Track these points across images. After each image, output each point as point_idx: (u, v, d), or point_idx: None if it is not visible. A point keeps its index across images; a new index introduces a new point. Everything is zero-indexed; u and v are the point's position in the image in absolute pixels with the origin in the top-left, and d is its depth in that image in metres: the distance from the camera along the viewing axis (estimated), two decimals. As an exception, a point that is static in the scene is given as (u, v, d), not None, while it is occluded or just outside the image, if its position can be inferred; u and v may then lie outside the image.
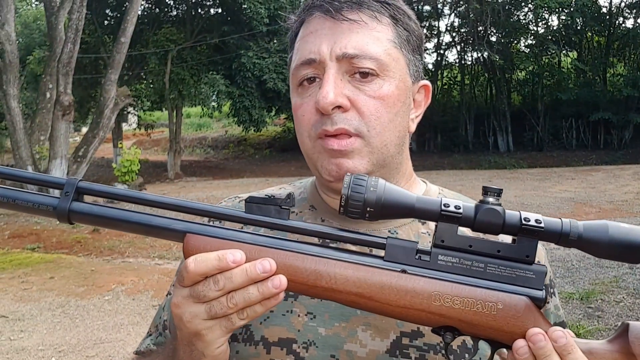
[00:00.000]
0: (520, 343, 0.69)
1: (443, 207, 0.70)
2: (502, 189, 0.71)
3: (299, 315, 0.89)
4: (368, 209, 0.70)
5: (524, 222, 0.69)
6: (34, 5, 30.96)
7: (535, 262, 0.72)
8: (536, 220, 0.69)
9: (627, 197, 11.49)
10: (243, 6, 19.85)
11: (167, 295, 1.05)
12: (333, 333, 0.87)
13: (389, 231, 0.93)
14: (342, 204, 0.70)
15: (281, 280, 0.69)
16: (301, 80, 0.89)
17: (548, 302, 0.96)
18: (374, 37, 0.87)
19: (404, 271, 0.71)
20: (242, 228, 0.78)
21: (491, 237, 0.74)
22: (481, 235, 0.74)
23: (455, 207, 0.70)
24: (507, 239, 0.73)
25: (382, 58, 0.87)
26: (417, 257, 0.72)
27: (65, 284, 6.67)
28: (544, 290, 0.71)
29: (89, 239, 9.11)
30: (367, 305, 0.72)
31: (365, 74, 0.86)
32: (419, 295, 0.70)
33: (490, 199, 0.71)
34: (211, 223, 0.78)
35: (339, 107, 0.85)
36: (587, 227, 0.69)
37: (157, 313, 1.05)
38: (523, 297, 0.70)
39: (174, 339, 0.82)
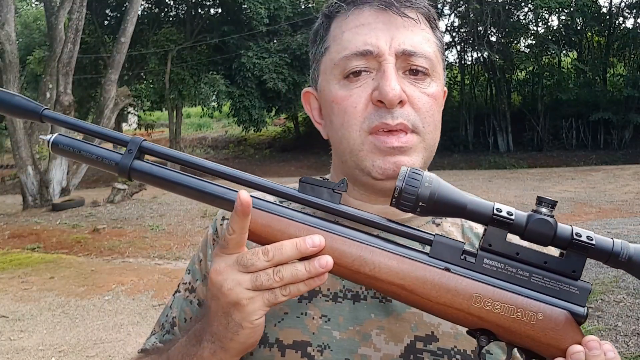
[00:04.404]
0: (576, 348, 0.69)
1: (495, 212, 0.70)
2: (556, 201, 0.71)
3: (313, 318, 0.88)
4: (420, 203, 0.70)
5: (575, 237, 0.69)
6: (34, 5, 30.97)
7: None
8: (588, 237, 0.69)
9: (627, 197, 11.49)
10: (243, 6, 19.88)
11: (173, 295, 1.04)
12: (347, 337, 0.86)
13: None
14: (395, 195, 0.70)
15: (327, 261, 0.69)
16: (348, 72, 0.87)
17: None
18: (426, 37, 0.88)
19: (447, 269, 0.72)
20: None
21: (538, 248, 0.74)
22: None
23: (508, 212, 0.70)
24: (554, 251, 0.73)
25: (433, 58, 0.87)
26: (462, 257, 0.73)
27: (65, 284, 6.67)
28: (586, 308, 0.71)
29: (89, 239, 9.11)
30: (407, 298, 0.72)
31: (416, 72, 0.86)
32: (460, 295, 0.70)
33: (544, 210, 0.70)
34: (263, 197, 0.78)
35: (399, 101, 0.84)
36: (638, 250, 0.69)
37: (163, 312, 1.04)
38: (564, 311, 0.70)
39: (203, 318, 0.81)
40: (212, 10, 24.46)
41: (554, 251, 0.74)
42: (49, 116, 0.80)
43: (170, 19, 24.20)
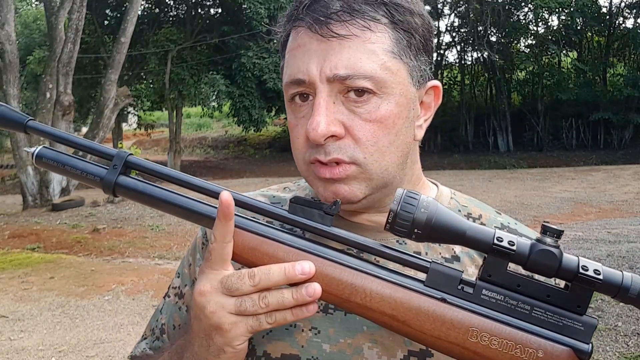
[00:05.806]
0: None
1: (496, 241, 0.66)
2: (562, 231, 0.66)
3: (302, 330, 0.85)
4: (416, 230, 0.66)
5: (581, 270, 0.64)
6: (34, 5, 30.96)
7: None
8: (595, 271, 0.64)
9: (627, 197, 11.49)
10: (243, 6, 19.87)
11: (164, 298, 1.03)
12: (338, 350, 0.83)
13: (397, 242, 0.88)
14: (390, 220, 0.67)
15: (315, 289, 0.66)
16: (293, 96, 0.82)
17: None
18: (367, 51, 0.77)
19: (443, 300, 0.68)
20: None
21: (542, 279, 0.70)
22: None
23: (509, 242, 0.66)
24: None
25: (379, 74, 0.77)
26: (459, 287, 0.69)
27: (65, 284, 6.67)
28: (591, 344, 0.67)
29: (89, 239, 9.11)
30: (399, 328, 0.69)
31: (360, 92, 0.77)
32: (455, 328, 0.67)
33: (548, 240, 0.66)
34: (253, 218, 0.75)
35: (332, 135, 0.77)
36: None
37: (154, 315, 1.02)
38: (567, 349, 0.66)
39: (185, 334, 0.79)
40: (212, 10, 24.48)
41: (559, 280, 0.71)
42: (33, 127, 0.78)
43: (170, 19, 24.21)
